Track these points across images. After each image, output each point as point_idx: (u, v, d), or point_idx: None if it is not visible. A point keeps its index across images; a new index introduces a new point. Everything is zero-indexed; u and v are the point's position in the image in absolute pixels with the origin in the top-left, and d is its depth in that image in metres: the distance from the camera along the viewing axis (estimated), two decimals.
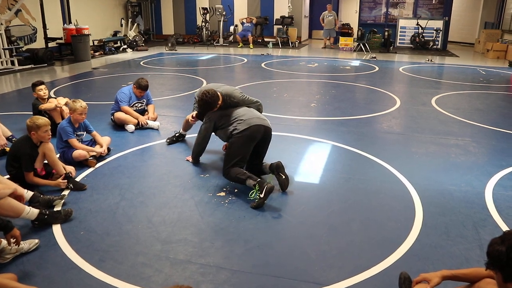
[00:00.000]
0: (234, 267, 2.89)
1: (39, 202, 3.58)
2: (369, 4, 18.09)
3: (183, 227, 3.40)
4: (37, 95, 5.57)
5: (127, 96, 5.94)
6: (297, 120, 6.43)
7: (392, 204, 3.80)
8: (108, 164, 4.66)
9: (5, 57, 11.04)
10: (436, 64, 13.07)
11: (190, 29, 18.85)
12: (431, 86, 9.26)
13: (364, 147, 5.19)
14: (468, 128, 6.12)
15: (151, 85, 9.04)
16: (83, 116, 4.64)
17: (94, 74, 10.68)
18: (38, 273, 2.82)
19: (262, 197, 3.68)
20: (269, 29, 17.94)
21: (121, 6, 17.77)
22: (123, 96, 5.92)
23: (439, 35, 16.17)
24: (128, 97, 5.94)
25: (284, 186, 4.02)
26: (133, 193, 3.96)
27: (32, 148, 3.96)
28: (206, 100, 4.21)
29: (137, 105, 6.06)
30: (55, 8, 13.87)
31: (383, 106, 7.38)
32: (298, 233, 3.33)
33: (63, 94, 7.20)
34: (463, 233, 3.33)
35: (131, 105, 5.97)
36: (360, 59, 13.72)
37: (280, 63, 12.78)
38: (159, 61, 13.11)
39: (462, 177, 4.39)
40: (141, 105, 6.12)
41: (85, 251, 3.05)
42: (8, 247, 2.91)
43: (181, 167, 4.61)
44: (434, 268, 2.85)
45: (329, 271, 2.86)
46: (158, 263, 2.93)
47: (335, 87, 9.12)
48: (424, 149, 5.22)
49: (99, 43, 14.80)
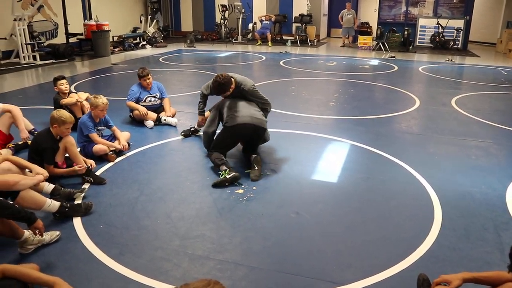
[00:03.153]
0: (252, 263, 2.91)
1: (60, 195, 3.65)
2: (388, 2, 17.90)
3: (202, 223, 3.42)
4: (59, 89, 5.65)
5: (135, 93, 5.98)
6: (315, 119, 6.41)
7: (411, 205, 3.77)
8: (127, 159, 4.72)
9: (27, 52, 11.26)
10: (456, 64, 12.87)
11: (209, 26, 18.91)
12: (451, 87, 9.12)
13: (382, 147, 5.15)
14: (489, 130, 6.01)
15: (170, 81, 9.16)
16: (104, 112, 4.71)
17: (113, 69, 10.80)
18: (59, 264, 2.88)
19: (227, 178, 4.01)
20: (287, 27, 17.88)
21: (141, 3, 17.93)
22: (130, 93, 6.00)
23: (459, 35, 15.91)
24: (136, 93, 5.98)
25: (253, 176, 4.23)
26: (151, 189, 4.00)
27: (53, 142, 4.03)
28: (219, 82, 4.48)
29: (151, 99, 6.08)
30: (76, 4, 14.07)
31: (402, 106, 7.31)
32: (315, 232, 3.33)
33: (83, 89, 7.32)
34: (483, 236, 3.28)
35: (144, 100, 6.03)
36: (379, 58, 13.59)
37: (299, 61, 12.75)
38: (177, 57, 13.20)
39: (482, 179, 4.32)
40: (154, 99, 6.12)
41: (104, 244, 3.10)
42: (30, 238, 2.98)
43: (199, 163, 4.63)
44: (453, 270, 2.80)
45: (346, 271, 2.85)
46: (177, 258, 2.96)
47: (354, 86, 9.06)
48: (444, 150, 5.16)
49: (119, 39, 14.95)
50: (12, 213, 2.78)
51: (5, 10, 11.13)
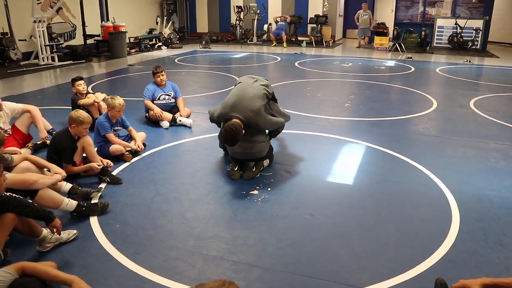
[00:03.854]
0: (266, 265, 2.90)
1: (77, 194, 3.70)
2: (405, 3, 17.71)
3: (216, 223, 3.43)
4: (76, 90, 5.73)
5: (150, 91, 6.06)
6: (330, 120, 6.38)
7: (428, 208, 3.72)
8: (143, 159, 4.76)
9: (46, 53, 11.45)
10: (474, 65, 12.67)
11: (224, 27, 18.97)
12: (469, 88, 8.98)
13: (398, 149, 5.10)
14: (509, 132, 5.90)
15: (185, 82, 9.21)
16: (121, 113, 4.76)
17: (129, 70, 10.91)
18: (76, 263, 2.92)
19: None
20: (303, 27, 17.83)
21: (157, 4, 18.08)
22: (146, 91, 6.07)
23: (478, 35, 15.66)
24: (151, 92, 6.06)
25: (245, 175, 4.24)
26: (167, 189, 4.02)
27: (72, 142, 4.09)
28: (231, 135, 3.99)
29: (165, 97, 6.13)
30: (94, 6, 14.25)
31: (419, 107, 7.22)
32: (330, 234, 3.31)
33: (100, 90, 7.41)
34: (503, 240, 3.22)
35: (158, 98, 6.08)
36: (395, 59, 13.45)
37: (314, 62, 12.70)
38: (193, 58, 13.27)
39: (502, 182, 4.24)
40: (168, 97, 6.17)
41: (120, 244, 3.13)
42: (48, 237, 3.02)
43: (214, 164, 4.65)
44: (471, 275, 2.76)
45: (362, 274, 2.83)
46: (192, 258, 2.97)
47: (370, 87, 8.98)
48: (462, 152, 5.08)
49: (135, 40, 15.10)
50: (31, 212, 2.83)
51: (25, 12, 11.34)
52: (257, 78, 4.59)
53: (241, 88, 4.38)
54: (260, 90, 4.36)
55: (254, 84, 4.44)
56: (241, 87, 4.40)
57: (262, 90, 4.38)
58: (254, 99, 4.23)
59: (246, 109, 4.14)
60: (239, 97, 4.25)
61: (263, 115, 4.24)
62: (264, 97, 4.37)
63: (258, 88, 4.38)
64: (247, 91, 4.30)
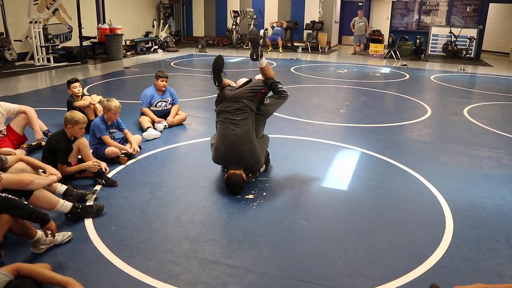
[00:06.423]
0: (262, 269, 2.90)
1: (72, 196, 3.68)
2: (401, 10, 17.89)
3: (212, 227, 3.43)
4: (72, 92, 5.72)
5: (148, 97, 6.00)
6: (326, 126, 6.41)
7: (422, 214, 3.75)
8: (138, 162, 4.75)
9: (41, 54, 11.41)
10: (468, 73, 12.79)
11: (220, 31, 19.02)
12: (463, 96, 9.07)
13: (393, 155, 5.13)
14: (502, 140, 5.96)
15: (181, 85, 9.21)
16: (117, 115, 4.75)
17: (125, 73, 10.89)
18: (71, 265, 2.90)
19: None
20: (299, 33, 17.92)
21: (154, 8, 18.10)
22: (143, 98, 6.02)
23: (472, 44, 15.81)
24: (149, 98, 6.00)
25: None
26: (163, 192, 4.02)
27: (67, 142, 4.09)
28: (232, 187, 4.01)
29: (161, 104, 6.11)
30: (90, 8, 14.24)
31: (414, 114, 7.27)
32: (325, 239, 3.32)
33: (96, 92, 7.39)
34: (495, 247, 3.25)
35: (155, 105, 6.05)
36: (390, 66, 13.55)
37: (309, 68, 12.76)
38: (189, 62, 13.28)
39: (495, 190, 4.28)
40: (165, 104, 6.15)
41: (115, 246, 3.12)
42: (43, 238, 3.01)
43: (210, 168, 4.64)
44: (465, 282, 2.79)
45: (356, 279, 2.84)
46: (187, 261, 2.97)
47: (365, 94, 9.04)
48: (456, 160, 5.12)
49: (131, 43, 15.10)
50: (26, 213, 2.81)
51: (22, 13, 11.31)
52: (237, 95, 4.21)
53: (229, 137, 4.01)
54: (247, 128, 3.99)
55: (239, 123, 4.00)
56: (228, 135, 4.01)
57: (247, 124, 4.00)
58: (245, 144, 3.99)
59: (241, 158, 4.01)
60: (229, 149, 4.01)
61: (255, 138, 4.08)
62: (250, 119, 4.04)
63: (244, 127, 3.99)
64: (236, 142, 3.97)
